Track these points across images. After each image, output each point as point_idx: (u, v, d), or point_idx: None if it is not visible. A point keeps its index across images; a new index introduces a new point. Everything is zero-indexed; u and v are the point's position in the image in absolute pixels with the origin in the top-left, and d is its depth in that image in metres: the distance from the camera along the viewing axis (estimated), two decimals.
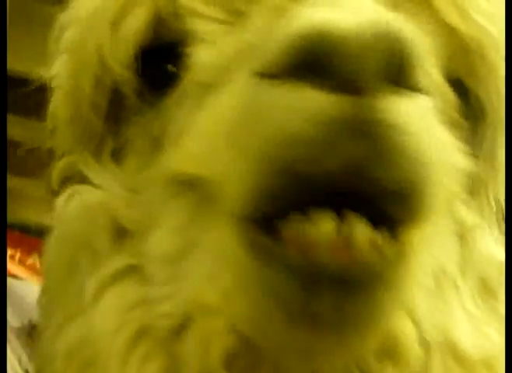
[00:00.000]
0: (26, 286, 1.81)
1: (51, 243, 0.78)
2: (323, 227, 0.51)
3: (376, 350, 0.64)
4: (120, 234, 0.73)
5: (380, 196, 0.53)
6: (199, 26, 0.70)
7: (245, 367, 0.64)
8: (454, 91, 0.66)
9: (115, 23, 0.73)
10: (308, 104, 0.53)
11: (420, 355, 0.66)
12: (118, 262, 0.71)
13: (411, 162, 0.53)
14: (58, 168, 0.81)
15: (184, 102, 0.70)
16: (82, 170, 0.78)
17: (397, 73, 0.53)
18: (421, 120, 0.52)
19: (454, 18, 0.64)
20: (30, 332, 1.59)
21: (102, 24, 0.74)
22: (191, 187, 0.64)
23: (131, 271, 0.71)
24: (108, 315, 0.70)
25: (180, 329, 0.67)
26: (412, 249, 0.57)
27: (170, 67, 0.73)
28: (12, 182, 1.36)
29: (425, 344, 0.67)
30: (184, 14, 0.71)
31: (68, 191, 0.77)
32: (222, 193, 0.59)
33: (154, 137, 0.73)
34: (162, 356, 0.68)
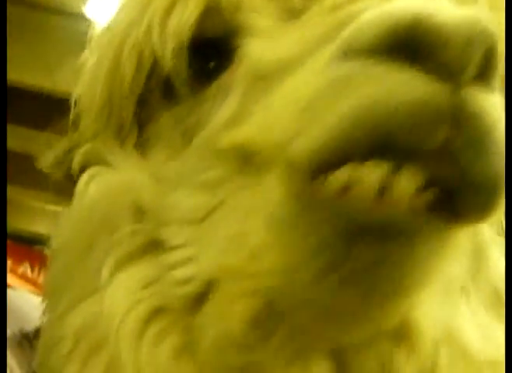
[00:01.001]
0: (17, 295, 1.80)
1: (67, 222, 0.75)
2: (374, 175, 0.51)
3: (393, 333, 0.63)
4: (141, 216, 0.70)
5: (465, 185, 0.53)
6: (254, 21, 0.68)
7: (266, 332, 0.61)
8: None
9: (167, 12, 0.71)
10: (407, 84, 0.52)
11: (430, 350, 0.65)
12: (136, 241, 0.68)
13: (499, 159, 0.53)
14: (80, 154, 0.78)
15: (231, 94, 0.68)
16: (105, 156, 0.75)
17: (485, 68, 0.53)
18: (501, 118, 0.54)
19: None
20: (21, 342, 1.59)
21: (153, 13, 0.72)
22: (240, 157, 0.63)
23: (151, 248, 0.68)
24: (120, 294, 0.66)
25: (200, 295, 0.64)
26: (452, 240, 0.57)
27: (214, 59, 0.71)
28: None
29: (435, 340, 0.65)
30: (237, 8, 0.69)
31: (90, 172, 0.74)
32: (276, 151, 0.58)
33: (187, 129, 0.71)
34: (177, 333, 0.65)
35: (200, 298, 0.63)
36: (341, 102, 0.53)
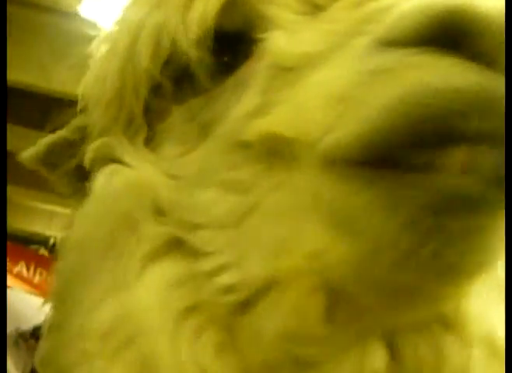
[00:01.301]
0: (13, 294, 1.80)
1: (84, 219, 0.74)
2: (454, 155, 0.52)
3: (444, 320, 0.64)
4: (163, 211, 0.69)
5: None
6: (276, 14, 0.68)
7: (340, 323, 0.61)
8: None
9: (188, 4, 0.70)
10: (459, 72, 0.52)
11: (473, 341, 0.66)
12: (160, 239, 0.67)
13: None
14: (92, 149, 0.77)
15: (251, 86, 0.68)
16: (117, 152, 0.74)
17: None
18: None
19: None
20: (17, 341, 1.58)
21: (172, 4, 0.72)
22: (268, 152, 0.62)
23: (175, 246, 0.67)
24: (153, 291, 0.65)
25: (248, 300, 0.62)
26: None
27: (233, 51, 0.71)
28: None
29: (478, 333, 0.66)
30: (259, 0, 0.69)
31: (107, 170, 0.73)
32: (309, 144, 0.58)
33: (203, 122, 0.71)
34: (215, 330, 0.64)
35: (248, 303, 0.62)
36: (385, 93, 0.53)
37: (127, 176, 0.71)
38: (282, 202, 0.60)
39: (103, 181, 0.72)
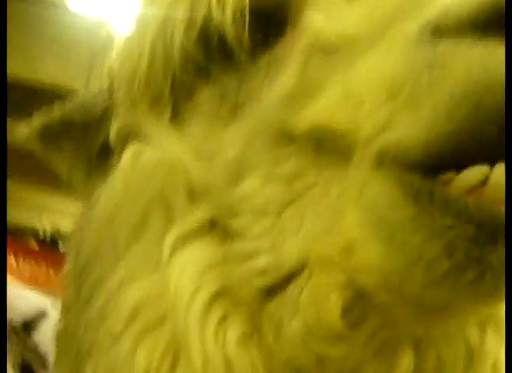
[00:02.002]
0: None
1: (111, 197, 0.74)
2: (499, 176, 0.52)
3: (479, 320, 0.65)
4: (195, 192, 0.69)
5: None
6: None
7: (358, 321, 0.61)
8: None
9: None
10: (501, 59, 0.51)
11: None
12: (196, 218, 0.68)
13: None
14: (116, 126, 0.78)
15: (287, 66, 0.67)
16: (144, 129, 0.75)
17: None
18: None
19: None
20: (9, 335, 1.58)
21: None
22: (315, 142, 0.62)
23: (209, 228, 0.67)
24: (185, 273, 0.65)
25: (277, 285, 0.63)
26: None
27: (268, 30, 0.71)
28: None
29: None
30: None
31: (135, 148, 0.74)
32: (363, 143, 0.57)
33: (235, 102, 0.70)
34: (242, 318, 0.64)
35: (276, 288, 0.63)
36: (443, 90, 0.52)
37: (156, 155, 0.71)
38: (327, 195, 0.60)
39: (132, 159, 0.72)
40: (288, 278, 0.61)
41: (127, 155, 0.72)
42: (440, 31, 0.53)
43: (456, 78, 0.52)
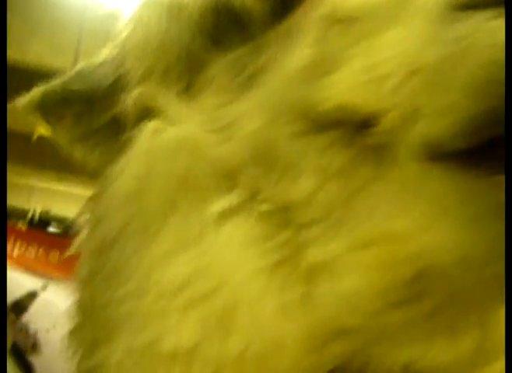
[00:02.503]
0: None
1: (132, 176, 0.72)
2: None
3: None
4: (222, 169, 0.68)
5: None
6: None
7: (425, 290, 0.60)
8: None
9: None
10: None
11: None
12: (231, 196, 0.67)
13: None
14: (131, 100, 0.76)
15: (302, 38, 0.66)
16: (157, 102, 0.74)
17: None
18: None
19: None
20: None
21: None
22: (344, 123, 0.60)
23: (247, 207, 0.66)
24: (233, 246, 0.65)
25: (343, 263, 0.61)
26: None
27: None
28: None
29: None
30: None
31: (152, 125, 0.73)
32: (396, 131, 0.56)
33: (250, 72, 0.69)
34: (299, 288, 0.62)
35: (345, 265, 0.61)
36: (472, 70, 0.51)
37: (177, 133, 0.70)
38: (377, 192, 0.59)
39: (152, 137, 0.71)
40: (345, 256, 0.60)
41: (147, 133, 0.71)
42: (466, 4, 0.52)
43: (484, 55, 0.50)
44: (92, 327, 0.73)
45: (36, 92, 0.81)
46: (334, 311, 0.60)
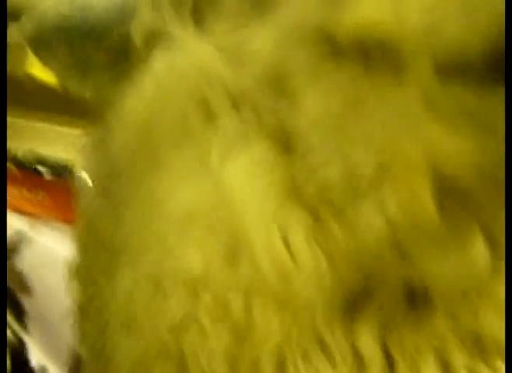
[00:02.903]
0: None
1: (144, 102, 0.72)
2: None
3: None
4: (234, 95, 0.67)
5: None
6: None
7: (449, 213, 0.60)
8: None
9: None
10: None
11: None
12: (243, 125, 0.66)
13: None
14: (139, 27, 0.74)
15: None
16: (168, 26, 0.72)
17: None
18: None
19: None
20: None
21: None
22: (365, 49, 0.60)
23: (261, 134, 0.66)
24: (241, 176, 0.65)
25: (356, 191, 0.61)
26: None
27: None
28: None
29: None
30: None
31: (166, 56, 0.71)
32: (416, 47, 0.56)
33: None
34: (312, 217, 0.63)
35: (359, 193, 0.61)
36: None
37: (189, 60, 0.69)
38: (388, 107, 0.59)
39: (165, 67, 0.70)
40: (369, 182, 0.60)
41: (159, 63, 0.70)
42: None
43: None
44: (95, 262, 0.75)
45: (27, 22, 0.78)
46: (359, 242, 0.60)
